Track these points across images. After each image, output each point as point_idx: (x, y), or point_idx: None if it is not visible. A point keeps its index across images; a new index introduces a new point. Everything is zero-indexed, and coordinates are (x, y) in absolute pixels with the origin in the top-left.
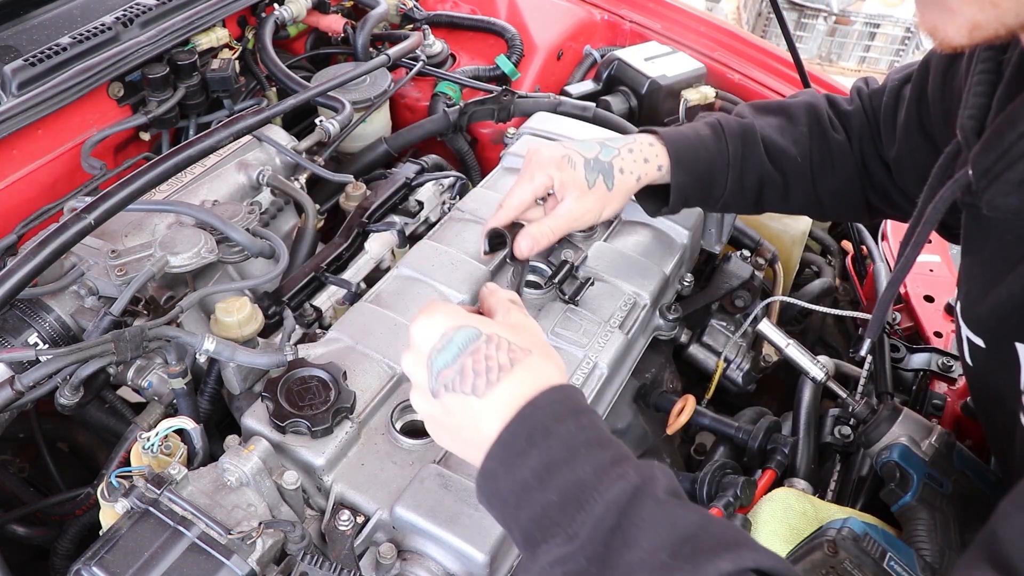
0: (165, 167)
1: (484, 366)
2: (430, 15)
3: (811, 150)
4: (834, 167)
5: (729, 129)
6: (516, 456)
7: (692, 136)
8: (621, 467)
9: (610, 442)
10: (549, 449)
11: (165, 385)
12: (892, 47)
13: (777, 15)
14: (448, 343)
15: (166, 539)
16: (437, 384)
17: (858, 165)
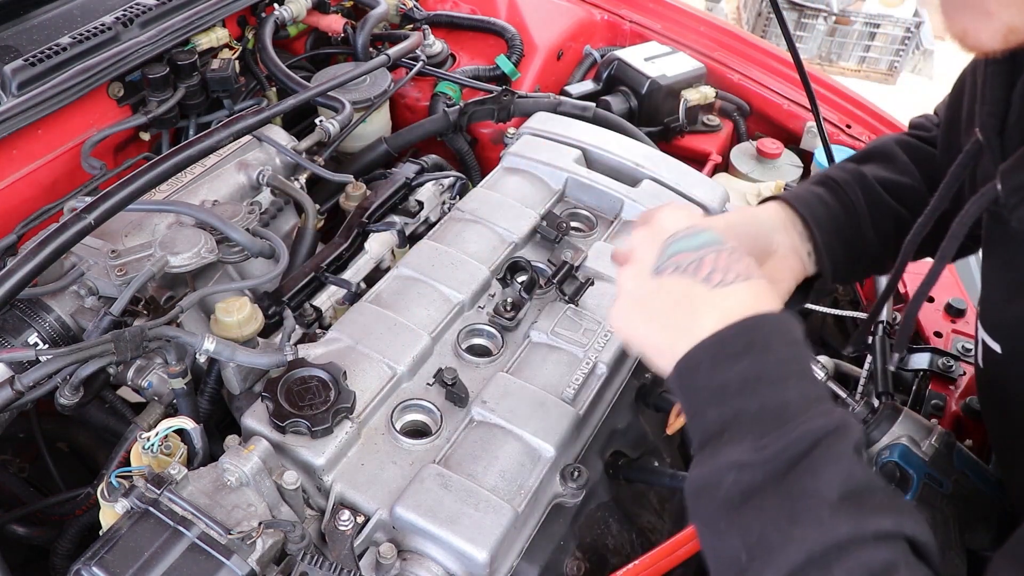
0: (165, 167)
1: (724, 265)
2: (430, 15)
3: (923, 176)
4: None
5: (843, 180)
6: (729, 357)
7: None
8: (826, 405)
9: (817, 379)
10: (764, 363)
11: (165, 385)
12: (892, 47)
13: (777, 15)
14: (696, 234)
15: (166, 539)
16: (667, 263)
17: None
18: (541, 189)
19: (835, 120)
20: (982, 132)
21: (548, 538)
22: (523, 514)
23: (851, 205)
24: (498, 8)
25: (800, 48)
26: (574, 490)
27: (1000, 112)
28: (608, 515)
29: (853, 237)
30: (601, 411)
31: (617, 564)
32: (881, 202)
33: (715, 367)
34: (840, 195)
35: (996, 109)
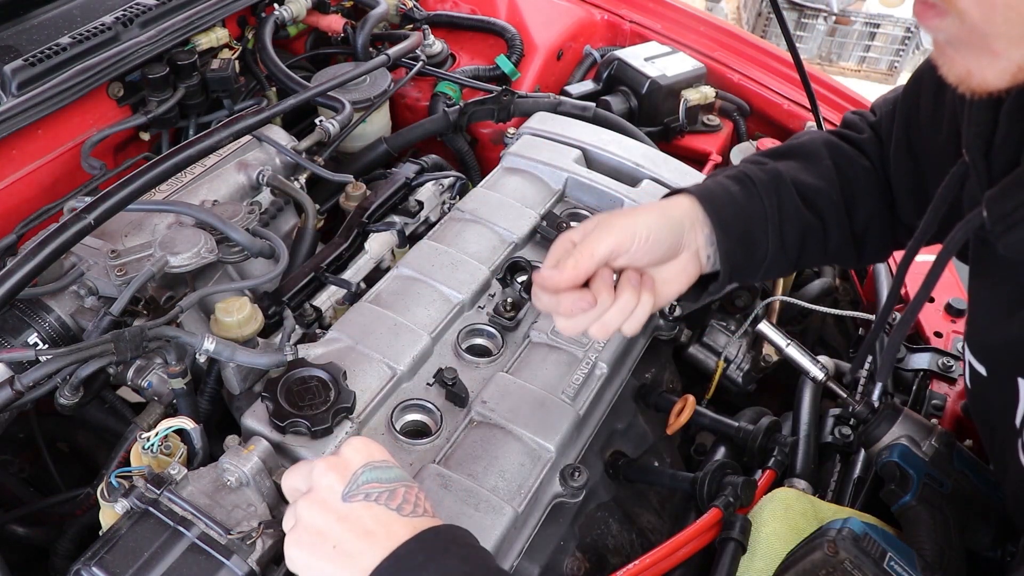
0: (165, 167)
1: (414, 500)
2: (430, 15)
3: (841, 183)
4: (867, 194)
5: (759, 181)
6: (410, 570)
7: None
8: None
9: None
10: (445, 568)
11: (165, 385)
12: (892, 47)
13: (777, 15)
14: (388, 467)
15: (166, 539)
16: (357, 491)
17: (884, 190)
18: (541, 189)
19: (835, 120)
20: (968, 153)
21: (548, 538)
22: (523, 514)
23: (762, 211)
24: (498, 8)
25: (800, 48)
26: (574, 490)
27: (986, 133)
28: (608, 515)
29: (756, 243)
30: (601, 411)
31: (617, 564)
32: (793, 210)
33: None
34: (753, 198)
35: (982, 130)
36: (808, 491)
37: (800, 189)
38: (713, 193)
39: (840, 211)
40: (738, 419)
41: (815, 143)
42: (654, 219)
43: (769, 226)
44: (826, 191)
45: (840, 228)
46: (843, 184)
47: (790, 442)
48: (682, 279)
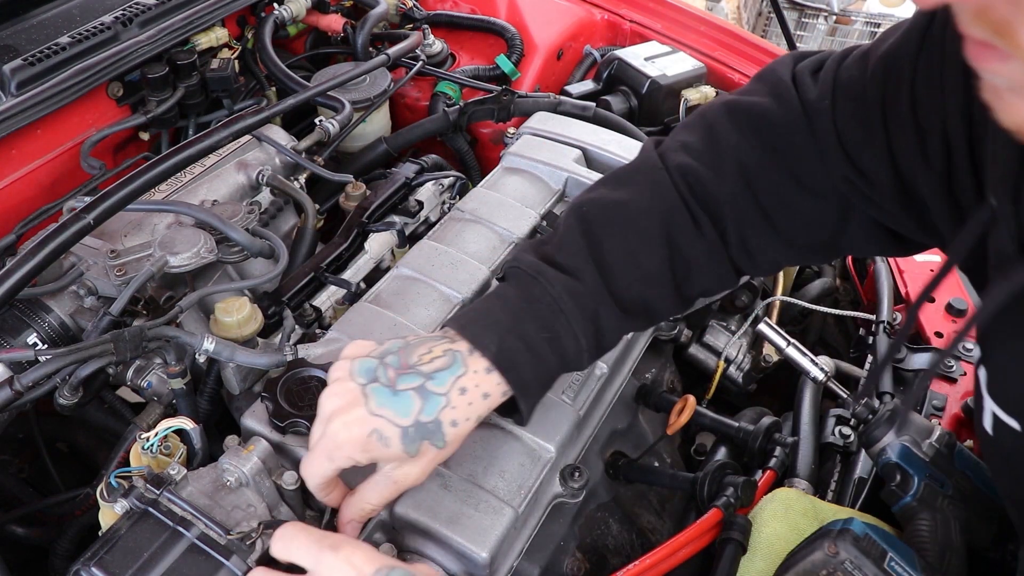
0: (165, 167)
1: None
2: (430, 15)
3: (673, 267)
4: (702, 271)
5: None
6: None
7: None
8: None
9: None
10: None
11: (164, 385)
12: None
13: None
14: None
15: (165, 540)
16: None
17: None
18: (541, 189)
19: None
20: (994, 196)
21: (548, 538)
22: (523, 514)
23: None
24: (498, 8)
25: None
26: (574, 490)
27: (1013, 174)
28: (608, 515)
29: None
30: (601, 411)
31: (617, 564)
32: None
33: None
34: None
35: (1008, 171)
36: (809, 491)
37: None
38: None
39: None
40: (738, 419)
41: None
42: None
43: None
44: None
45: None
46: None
47: (790, 442)
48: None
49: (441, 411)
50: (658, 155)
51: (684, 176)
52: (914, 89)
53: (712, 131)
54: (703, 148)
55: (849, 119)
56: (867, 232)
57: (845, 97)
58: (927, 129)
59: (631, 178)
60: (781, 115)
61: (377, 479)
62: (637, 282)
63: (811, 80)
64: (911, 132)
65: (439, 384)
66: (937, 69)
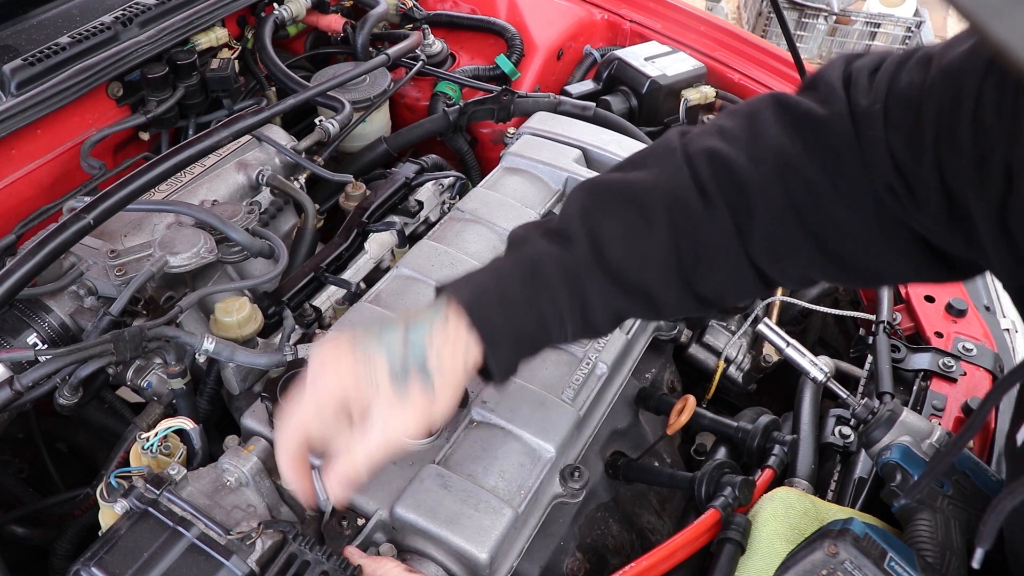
0: (164, 167)
1: None
2: (430, 15)
3: (679, 252)
4: (713, 263)
5: (549, 279)
6: None
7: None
8: None
9: None
10: None
11: (164, 385)
12: (893, 47)
13: (777, 15)
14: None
15: (165, 540)
16: None
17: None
18: (541, 189)
19: None
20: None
21: (548, 538)
22: (523, 514)
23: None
24: (498, 8)
25: (801, 48)
26: (574, 490)
27: None
28: (608, 515)
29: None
30: (601, 411)
31: (617, 564)
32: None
33: None
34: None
35: None
36: (809, 491)
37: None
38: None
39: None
40: (738, 419)
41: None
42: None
43: (568, 324)
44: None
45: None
46: (681, 250)
47: (788, 440)
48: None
49: (426, 354)
50: (680, 139)
51: (710, 159)
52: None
53: (754, 119)
54: (740, 134)
55: (900, 128)
56: (910, 252)
57: (899, 105)
58: (987, 155)
59: (644, 159)
60: (827, 116)
61: (366, 432)
62: (634, 260)
63: (867, 82)
64: (968, 154)
65: (420, 332)
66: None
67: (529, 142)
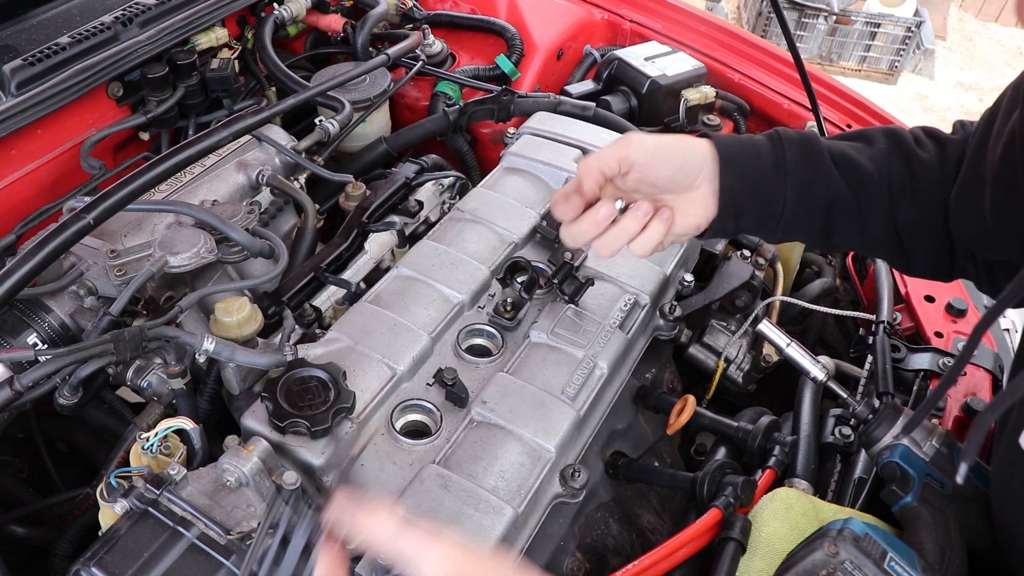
0: (164, 167)
1: None
2: (430, 15)
3: (890, 170)
4: (916, 192)
5: (786, 136)
6: None
7: (743, 139)
8: None
9: None
10: None
11: (164, 385)
12: (892, 47)
13: (777, 15)
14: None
15: (165, 540)
16: None
17: (940, 202)
18: (541, 189)
19: (835, 120)
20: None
21: (548, 538)
22: (523, 514)
23: (780, 160)
24: (498, 8)
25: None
26: (574, 490)
27: None
28: (608, 515)
29: (768, 190)
30: (601, 411)
31: (617, 564)
32: (818, 167)
33: None
34: (774, 147)
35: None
36: (809, 491)
37: (835, 155)
38: (727, 136)
39: (881, 197)
40: (738, 419)
41: (876, 130)
42: (666, 139)
43: (787, 179)
44: (867, 169)
45: (879, 213)
46: (892, 171)
47: (790, 441)
48: (700, 213)
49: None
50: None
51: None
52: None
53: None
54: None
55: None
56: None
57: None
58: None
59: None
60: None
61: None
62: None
63: None
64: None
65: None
66: None
67: (529, 142)
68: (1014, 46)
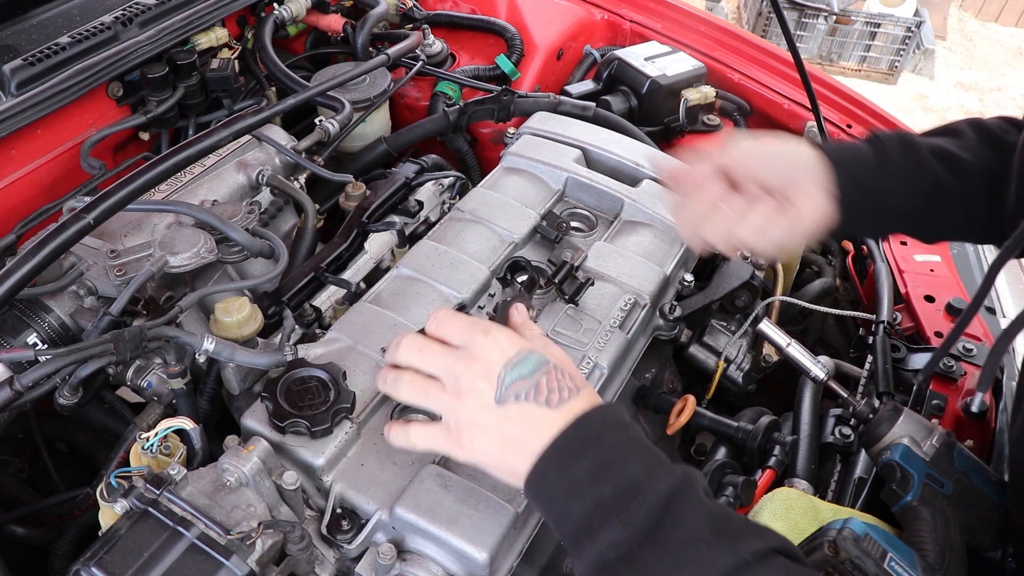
0: (164, 167)
1: (557, 384)
2: (430, 14)
3: (985, 157)
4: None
5: (884, 135)
6: (570, 458)
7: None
8: (666, 467)
9: (652, 448)
10: (603, 453)
11: (164, 385)
12: (892, 47)
13: (777, 15)
14: (524, 359)
15: (165, 540)
16: (507, 393)
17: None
18: (541, 189)
19: (836, 120)
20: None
21: (548, 538)
22: (523, 514)
23: (885, 154)
24: (498, 8)
25: (801, 48)
26: None
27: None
28: None
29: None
30: None
31: None
32: (920, 160)
33: (563, 470)
34: (877, 144)
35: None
36: (809, 491)
37: (932, 149)
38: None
39: (982, 182)
40: (738, 419)
41: (958, 123)
42: (770, 137)
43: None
44: (965, 158)
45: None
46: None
47: (789, 441)
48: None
49: None
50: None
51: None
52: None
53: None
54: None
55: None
56: None
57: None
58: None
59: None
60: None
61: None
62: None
63: None
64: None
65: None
66: None
67: (529, 142)
68: (1014, 46)
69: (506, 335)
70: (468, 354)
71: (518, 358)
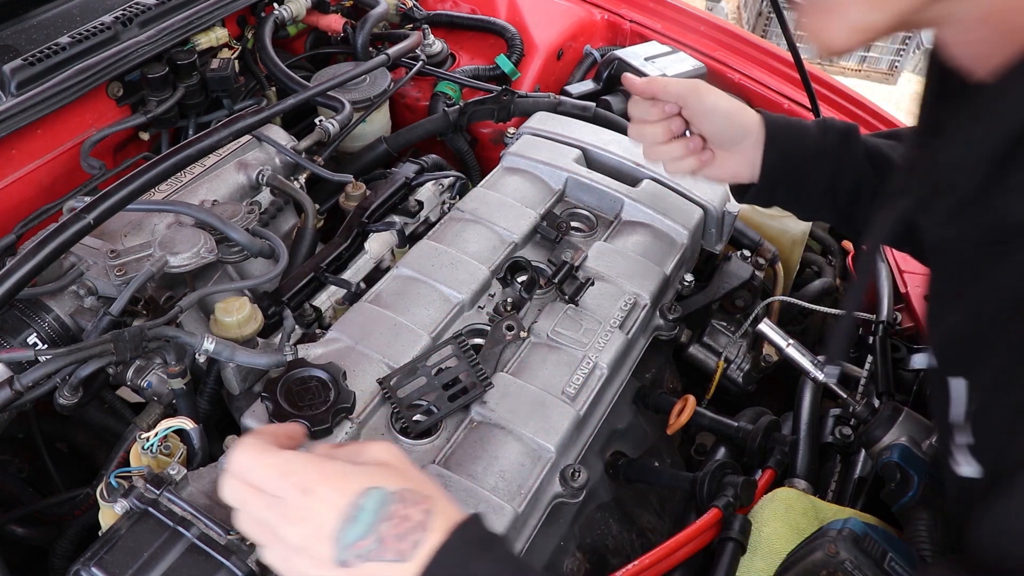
0: (165, 167)
1: (405, 528)
2: (430, 14)
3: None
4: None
5: (831, 124)
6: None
7: (792, 120)
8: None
9: (521, 564)
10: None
11: (164, 385)
12: (892, 47)
13: (778, 15)
14: (360, 511)
15: (165, 540)
16: (349, 555)
17: None
18: (541, 189)
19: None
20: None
21: (548, 538)
22: (523, 514)
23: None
24: (498, 8)
25: (801, 47)
26: (574, 490)
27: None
28: (608, 515)
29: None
30: (601, 411)
31: (617, 564)
32: (853, 155)
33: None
34: (820, 130)
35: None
36: (809, 491)
37: (869, 149)
38: (778, 116)
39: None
40: (738, 419)
41: (907, 129)
42: (725, 97)
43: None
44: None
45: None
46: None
47: (790, 441)
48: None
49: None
50: None
51: None
52: None
53: None
54: None
55: None
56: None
57: None
58: None
59: None
60: None
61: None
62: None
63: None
64: None
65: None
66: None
67: (529, 142)
68: None
69: (330, 487)
70: (296, 514)
71: (353, 512)
